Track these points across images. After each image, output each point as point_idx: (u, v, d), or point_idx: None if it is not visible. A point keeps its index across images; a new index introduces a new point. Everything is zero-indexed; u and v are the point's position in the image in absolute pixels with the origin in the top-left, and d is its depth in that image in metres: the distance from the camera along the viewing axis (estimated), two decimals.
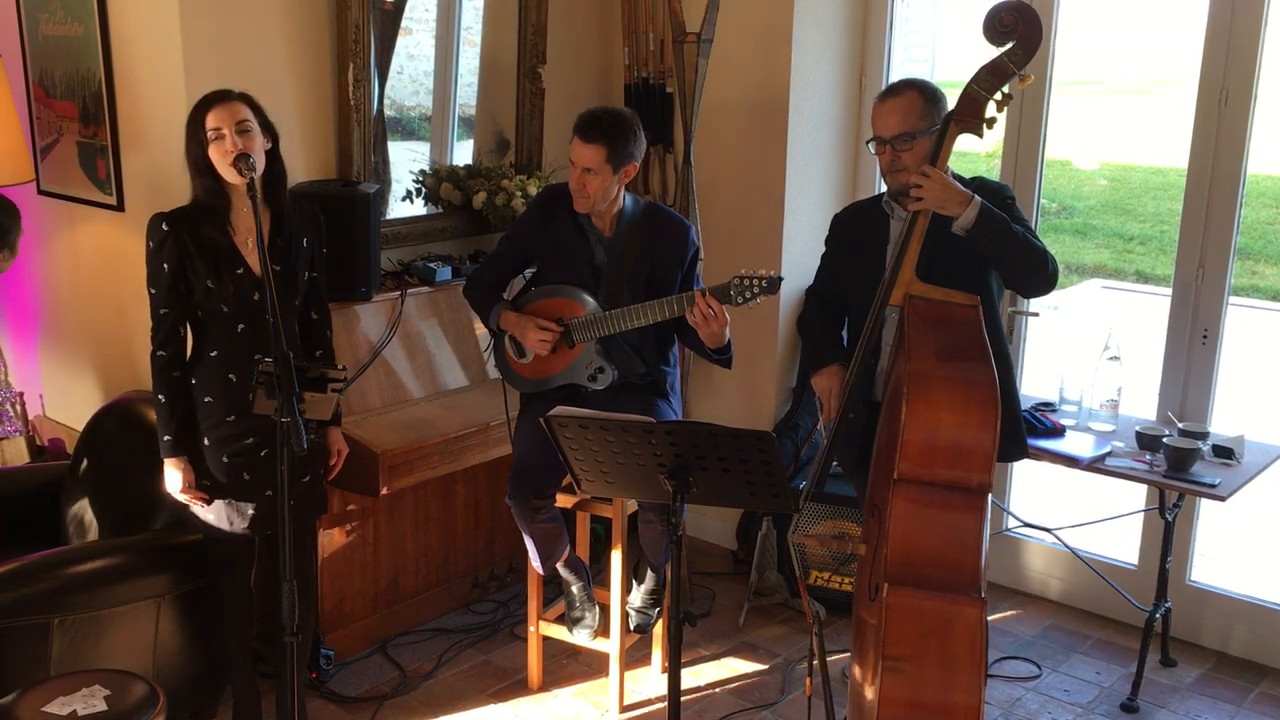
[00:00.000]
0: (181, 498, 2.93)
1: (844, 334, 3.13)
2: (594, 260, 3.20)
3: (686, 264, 3.23)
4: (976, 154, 6.24)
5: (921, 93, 2.81)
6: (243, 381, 2.85)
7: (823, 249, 3.18)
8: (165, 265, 2.82)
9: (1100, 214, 9.83)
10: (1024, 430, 3.06)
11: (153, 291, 2.86)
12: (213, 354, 2.88)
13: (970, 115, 2.68)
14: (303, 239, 2.93)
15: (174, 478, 2.91)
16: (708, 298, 2.95)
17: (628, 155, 3.07)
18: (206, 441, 2.90)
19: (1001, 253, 2.73)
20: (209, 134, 2.74)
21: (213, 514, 2.95)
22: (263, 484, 2.91)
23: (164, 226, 2.82)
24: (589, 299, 3.17)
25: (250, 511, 2.93)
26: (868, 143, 2.90)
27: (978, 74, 2.67)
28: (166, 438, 2.89)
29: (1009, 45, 2.65)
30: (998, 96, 2.67)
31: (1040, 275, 2.77)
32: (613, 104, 4.46)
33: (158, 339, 2.87)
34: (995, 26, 2.64)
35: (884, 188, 3.01)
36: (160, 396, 2.88)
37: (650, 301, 3.05)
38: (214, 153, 2.74)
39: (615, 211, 3.18)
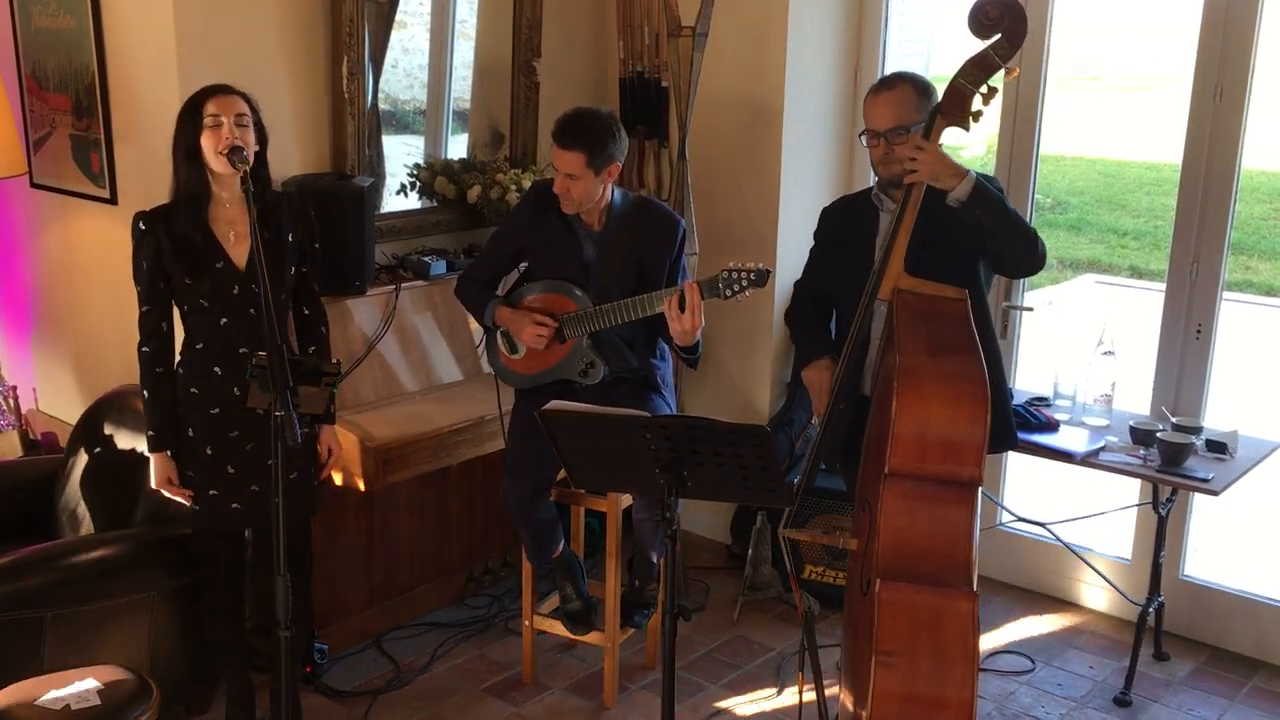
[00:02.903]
0: (167, 492, 2.93)
1: (832, 327, 3.13)
2: (583, 255, 3.21)
3: (673, 256, 3.24)
4: (962, 145, 6.24)
5: (914, 85, 2.82)
6: (227, 375, 2.86)
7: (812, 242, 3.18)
8: (144, 263, 2.84)
9: (1094, 209, 9.84)
10: (1012, 421, 3.07)
11: (137, 289, 2.88)
12: (199, 346, 2.88)
13: (956, 109, 2.69)
14: (288, 234, 2.92)
15: (158, 472, 2.92)
16: (691, 292, 2.94)
17: (608, 157, 3.07)
18: (191, 433, 2.90)
19: (995, 226, 2.72)
20: (206, 119, 2.73)
21: (198, 507, 2.95)
22: (247, 478, 2.91)
23: (141, 225, 2.83)
24: (579, 294, 3.17)
25: (235, 506, 2.92)
26: (860, 135, 2.91)
27: (963, 67, 2.68)
28: (151, 433, 2.90)
29: (994, 38, 2.65)
30: (983, 90, 2.68)
31: (1031, 253, 2.78)
32: (608, 98, 4.47)
33: (142, 335, 2.89)
34: (980, 20, 2.65)
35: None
36: (145, 391, 2.90)
37: (639, 296, 3.05)
38: (207, 139, 2.74)
39: (603, 206, 3.18)
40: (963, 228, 2.76)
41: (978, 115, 2.69)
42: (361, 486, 3.36)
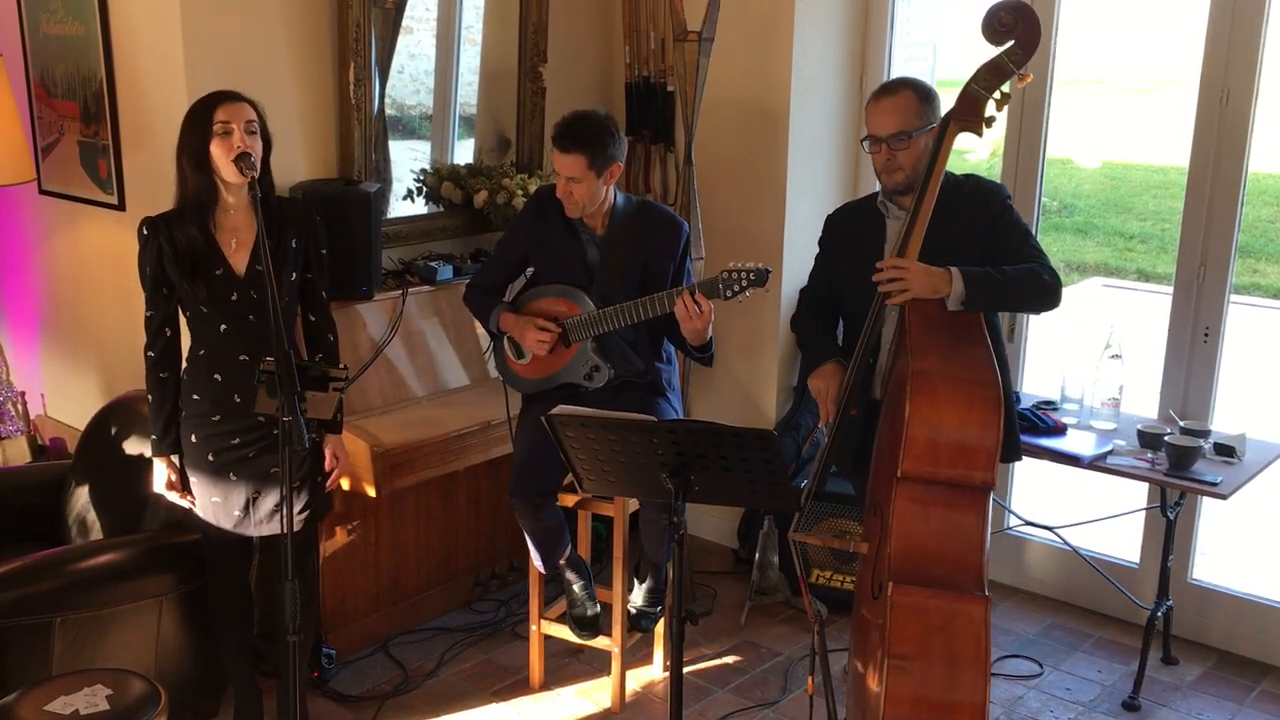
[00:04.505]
0: (170, 496, 2.94)
1: (839, 334, 3.12)
2: (586, 259, 3.21)
3: (678, 259, 3.24)
4: (968, 149, 6.23)
5: (916, 91, 2.81)
6: (227, 381, 2.86)
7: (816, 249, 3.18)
8: (147, 268, 2.85)
9: (1101, 212, 9.83)
10: (1018, 433, 3.06)
11: (144, 293, 2.89)
12: (201, 352, 2.89)
13: (969, 114, 2.68)
14: (290, 240, 2.92)
15: (160, 476, 2.93)
16: (695, 295, 2.95)
17: (609, 158, 3.08)
18: (193, 438, 2.90)
19: (1004, 305, 2.79)
20: (217, 126, 2.73)
21: (199, 512, 2.95)
22: (247, 486, 2.91)
23: (144, 231, 2.84)
24: (584, 297, 3.17)
25: (236, 513, 2.93)
26: (862, 141, 2.91)
27: (977, 73, 2.68)
28: (154, 437, 2.92)
29: (1008, 44, 2.65)
30: (997, 95, 2.67)
31: (1045, 300, 2.79)
32: (613, 103, 4.48)
33: (147, 339, 2.90)
34: (994, 25, 2.65)
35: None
36: (149, 395, 2.92)
37: (642, 298, 3.05)
38: (217, 146, 2.73)
39: (606, 209, 3.19)
40: (971, 237, 2.77)
41: (990, 121, 2.68)
42: (370, 491, 3.37)
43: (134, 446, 3.32)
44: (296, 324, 3.04)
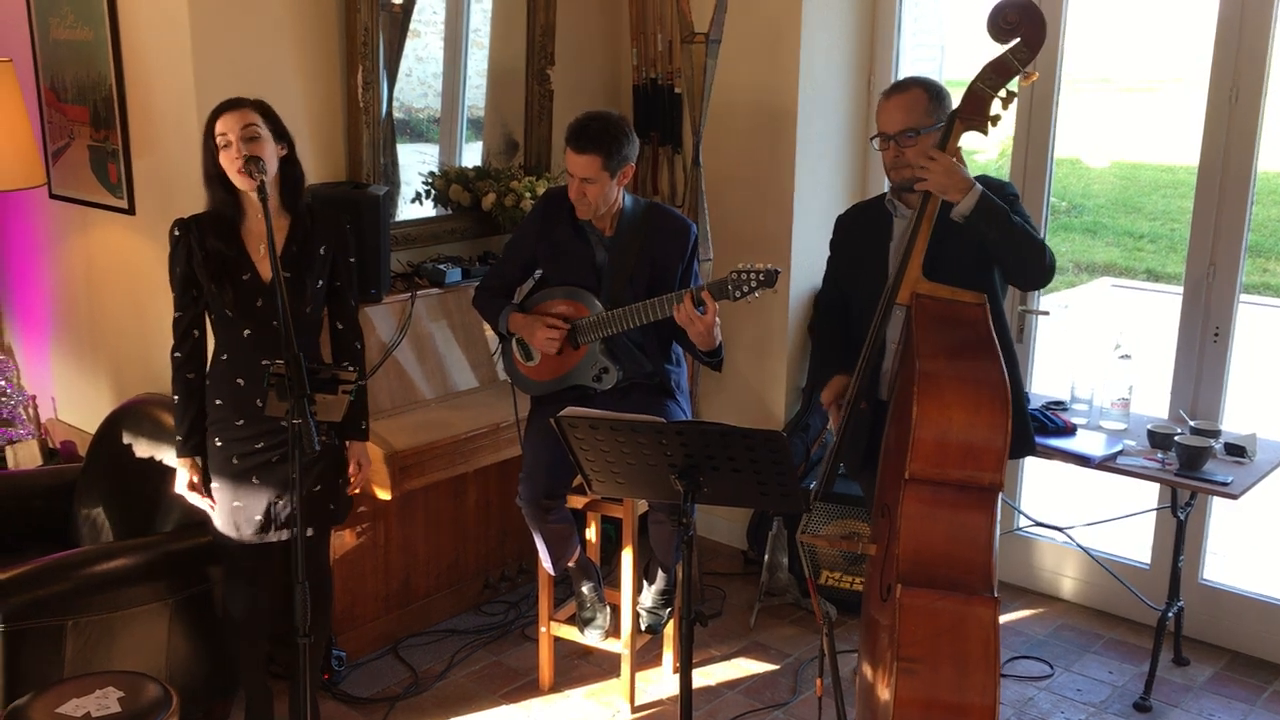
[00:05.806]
0: (191, 497, 2.94)
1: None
2: (595, 260, 3.21)
3: (686, 261, 3.24)
4: (977, 149, 6.23)
5: (927, 90, 2.82)
6: (250, 386, 2.87)
7: (828, 251, 3.18)
8: (177, 268, 2.86)
9: (1110, 212, 9.81)
10: (1030, 427, 3.06)
11: (173, 293, 2.91)
12: (224, 357, 2.90)
13: (975, 113, 2.69)
14: (319, 247, 2.93)
15: (182, 478, 2.94)
16: (700, 296, 2.95)
17: (623, 159, 3.08)
18: (217, 442, 2.91)
19: (1000, 240, 2.72)
20: (218, 140, 2.75)
21: (219, 518, 2.96)
22: (271, 490, 2.92)
23: (176, 231, 2.85)
24: (592, 299, 3.18)
25: (258, 518, 2.94)
26: (872, 139, 2.92)
27: (982, 71, 2.68)
28: (179, 438, 2.93)
29: (1013, 42, 2.65)
30: (1002, 94, 2.68)
31: (1037, 266, 2.77)
32: (621, 104, 4.48)
33: (174, 340, 2.91)
34: (999, 24, 2.65)
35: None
36: (175, 396, 2.93)
37: (650, 300, 3.05)
38: (223, 160, 2.75)
39: (615, 211, 3.19)
40: (971, 228, 2.77)
41: (996, 119, 2.68)
42: (384, 495, 3.37)
43: (145, 450, 3.33)
44: (322, 331, 3.05)
